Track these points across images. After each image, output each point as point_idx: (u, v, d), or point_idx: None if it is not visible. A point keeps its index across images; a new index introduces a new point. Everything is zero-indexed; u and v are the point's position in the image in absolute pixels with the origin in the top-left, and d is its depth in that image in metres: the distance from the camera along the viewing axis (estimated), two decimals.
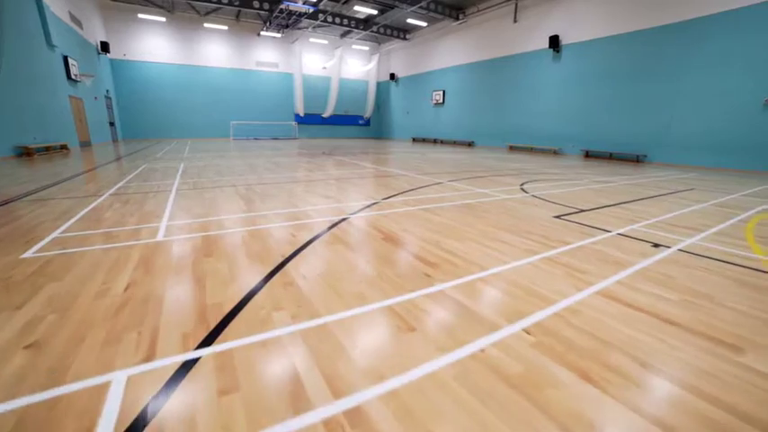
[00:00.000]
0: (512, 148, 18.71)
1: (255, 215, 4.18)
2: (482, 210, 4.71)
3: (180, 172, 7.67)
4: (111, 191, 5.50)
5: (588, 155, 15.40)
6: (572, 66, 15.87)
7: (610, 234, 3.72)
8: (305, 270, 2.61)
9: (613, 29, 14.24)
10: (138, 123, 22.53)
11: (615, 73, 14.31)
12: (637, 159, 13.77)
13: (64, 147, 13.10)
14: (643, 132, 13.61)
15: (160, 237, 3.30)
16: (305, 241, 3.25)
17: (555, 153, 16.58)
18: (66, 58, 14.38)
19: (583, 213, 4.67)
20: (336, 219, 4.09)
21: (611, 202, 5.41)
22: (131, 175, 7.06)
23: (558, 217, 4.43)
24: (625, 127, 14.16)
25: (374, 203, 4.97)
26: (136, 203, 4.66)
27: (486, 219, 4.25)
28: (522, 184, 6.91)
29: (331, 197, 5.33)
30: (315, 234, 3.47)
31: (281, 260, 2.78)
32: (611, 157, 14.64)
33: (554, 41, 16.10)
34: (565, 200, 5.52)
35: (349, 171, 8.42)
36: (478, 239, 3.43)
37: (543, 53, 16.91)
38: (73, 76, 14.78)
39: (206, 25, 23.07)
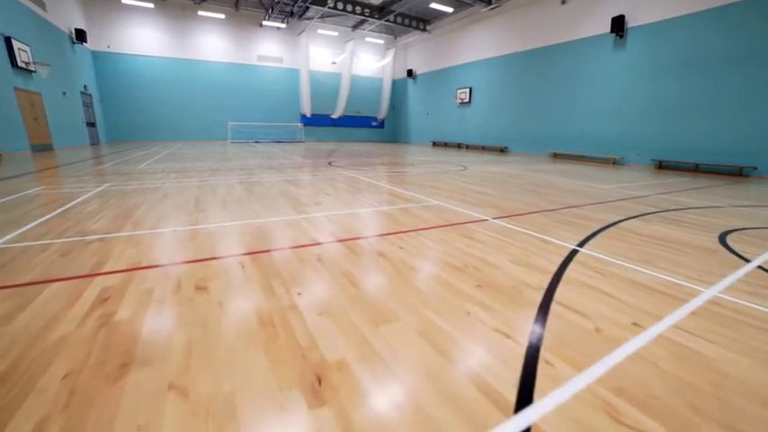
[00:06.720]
0: (556, 156, 14.82)
1: None
2: None
3: (53, 214, 4.01)
4: None
5: (662, 166, 11.51)
6: (640, 53, 11.96)
7: None
8: None
9: (702, 2, 10.36)
10: (126, 124, 19.04)
11: (703, 60, 10.42)
12: (740, 173, 9.89)
13: None
14: (748, 137, 9.73)
15: None
16: None
17: (614, 163, 12.69)
18: (9, 40, 10.88)
19: None
20: None
21: None
22: None
23: None
24: (717, 130, 10.28)
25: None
26: None
27: None
28: (733, 250, 3.12)
29: (329, 389, 1.44)
30: None
31: None
32: (696, 168, 10.74)
33: (617, 24, 12.21)
34: None
35: (369, 209, 4.64)
36: None
37: (601, 39, 13.02)
38: (21, 64, 11.30)
39: (201, 13, 19.39)
